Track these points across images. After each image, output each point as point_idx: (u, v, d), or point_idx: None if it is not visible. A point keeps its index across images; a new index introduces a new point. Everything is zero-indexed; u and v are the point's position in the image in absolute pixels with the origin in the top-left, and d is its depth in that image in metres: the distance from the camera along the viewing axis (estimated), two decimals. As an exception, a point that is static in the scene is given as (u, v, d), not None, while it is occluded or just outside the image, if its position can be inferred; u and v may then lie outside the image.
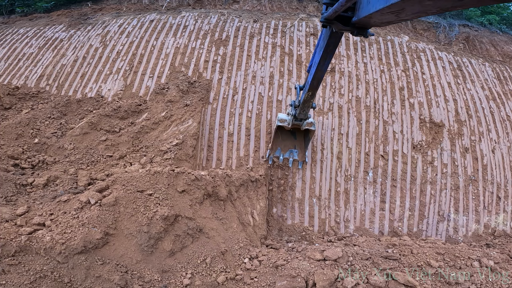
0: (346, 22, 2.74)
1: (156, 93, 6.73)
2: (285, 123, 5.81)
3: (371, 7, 2.08)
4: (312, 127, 5.88)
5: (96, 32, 8.45)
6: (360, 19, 2.43)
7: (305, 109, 5.25)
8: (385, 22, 2.39)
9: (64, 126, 6.00)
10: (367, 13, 2.16)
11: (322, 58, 3.69)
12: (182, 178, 4.46)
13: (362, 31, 2.75)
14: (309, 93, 4.59)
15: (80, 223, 3.71)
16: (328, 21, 2.86)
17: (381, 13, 1.94)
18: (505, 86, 8.28)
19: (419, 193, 6.70)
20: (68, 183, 4.81)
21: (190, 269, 4.29)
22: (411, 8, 1.66)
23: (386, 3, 1.76)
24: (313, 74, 4.14)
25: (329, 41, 3.37)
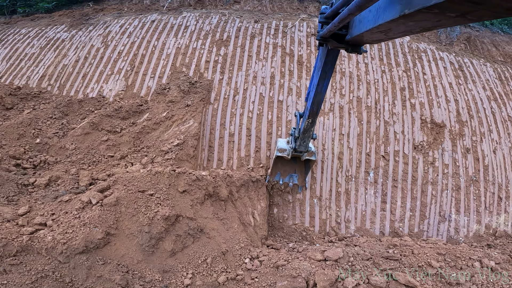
0: (340, 39, 2.90)
1: (157, 94, 6.74)
2: (284, 153, 5.60)
3: (362, 26, 2.25)
4: (312, 157, 5.63)
5: (97, 32, 8.47)
6: (353, 37, 2.59)
7: (305, 140, 5.05)
8: (376, 40, 2.55)
9: (66, 126, 6.02)
10: (359, 32, 2.32)
11: (321, 78, 3.70)
12: (183, 178, 4.47)
13: (355, 48, 2.93)
14: (309, 120, 4.48)
15: (81, 223, 3.73)
16: (324, 39, 3.03)
17: (371, 32, 2.09)
18: (506, 87, 8.26)
19: (420, 193, 6.70)
20: (70, 183, 4.82)
21: (191, 269, 4.30)
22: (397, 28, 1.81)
23: (375, 23, 1.92)
24: (313, 98, 4.07)
25: (326, 59, 3.48)
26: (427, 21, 1.50)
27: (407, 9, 1.46)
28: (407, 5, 1.46)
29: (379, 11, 1.88)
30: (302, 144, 5.14)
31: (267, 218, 6.24)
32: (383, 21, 1.78)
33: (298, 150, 5.34)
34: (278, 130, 6.92)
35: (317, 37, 3.21)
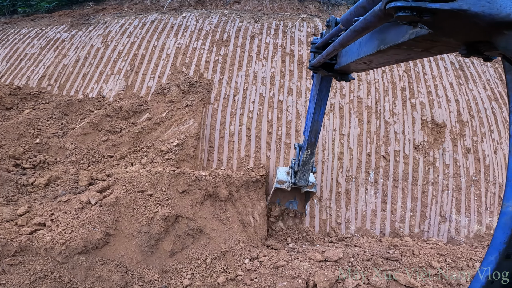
0: (330, 68, 3.19)
1: (157, 94, 6.73)
2: (284, 185, 5.47)
3: (348, 58, 2.52)
4: (313, 189, 5.50)
5: (97, 32, 8.46)
6: (340, 67, 2.86)
7: (305, 173, 4.98)
8: (360, 70, 2.85)
9: (66, 126, 6.01)
10: (346, 62, 2.60)
11: (317, 105, 3.84)
12: (182, 178, 4.46)
13: (343, 76, 3.24)
14: (307, 151, 4.49)
15: (80, 223, 3.72)
16: (315, 68, 3.30)
17: (355, 63, 2.35)
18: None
19: (421, 194, 6.67)
20: (69, 183, 4.81)
21: (191, 269, 4.29)
22: (376, 60, 2.09)
23: (358, 56, 2.19)
24: (310, 127, 4.10)
25: (321, 86, 3.66)
26: (399, 54, 1.78)
27: (382, 45, 1.74)
28: (382, 41, 1.75)
29: (361, 45, 2.15)
30: (302, 177, 5.06)
31: (267, 219, 6.23)
32: (364, 54, 2.03)
33: (297, 185, 5.26)
34: (278, 130, 6.90)
35: (308, 66, 3.45)
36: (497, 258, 1.20)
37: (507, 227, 1.17)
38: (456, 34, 1.27)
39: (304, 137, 4.47)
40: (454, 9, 1.10)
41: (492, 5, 1.08)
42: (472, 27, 1.16)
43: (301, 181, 5.10)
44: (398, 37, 1.55)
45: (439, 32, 1.30)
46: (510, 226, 1.15)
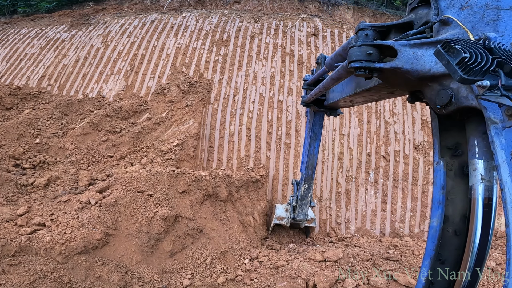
0: (320, 104, 3.48)
1: (157, 94, 6.73)
2: (283, 221, 5.47)
3: (334, 96, 2.90)
4: (312, 224, 5.55)
5: (97, 32, 8.46)
6: (329, 104, 3.22)
7: (304, 207, 5.02)
8: (345, 106, 3.18)
9: (65, 126, 6.01)
10: (332, 100, 2.98)
11: (311, 140, 4.05)
12: (182, 178, 4.45)
13: (332, 111, 3.56)
14: (305, 185, 4.60)
15: (80, 224, 3.71)
16: (306, 104, 3.60)
17: (340, 101, 2.73)
18: (507, 87, 8.24)
19: (421, 194, 6.67)
20: (69, 183, 4.81)
21: (190, 269, 4.29)
22: (357, 100, 2.45)
23: (341, 95, 2.55)
24: (306, 161, 4.23)
25: (314, 120, 3.90)
26: (372, 95, 2.14)
27: (358, 88, 2.10)
28: (357, 85, 2.12)
29: (343, 87, 2.50)
30: (301, 212, 5.10)
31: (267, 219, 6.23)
32: (346, 95, 2.39)
33: (297, 220, 5.29)
34: (278, 130, 6.90)
35: (301, 102, 3.77)
36: (430, 262, 1.50)
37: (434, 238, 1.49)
38: (399, 85, 1.57)
39: (301, 172, 4.58)
40: (392, 67, 1.38)
41: (418, 62, 1.34)
42: (407, 80, 1.42)
43: (300, 215, 5.14)
44: (368, 83, 1.95)
45: (388, 84, 1.62)
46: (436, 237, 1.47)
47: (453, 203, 1.46)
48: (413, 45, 1.36)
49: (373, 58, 1.43)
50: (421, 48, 1.35)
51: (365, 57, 1.43)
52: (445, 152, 1.49)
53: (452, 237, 1.47)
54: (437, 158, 1.49)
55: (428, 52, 1.32)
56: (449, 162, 1.48)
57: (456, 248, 1.47)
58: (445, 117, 1.46)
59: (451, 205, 1.46)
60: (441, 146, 1.49)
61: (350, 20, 10.34)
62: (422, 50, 1.34)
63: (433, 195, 1.51)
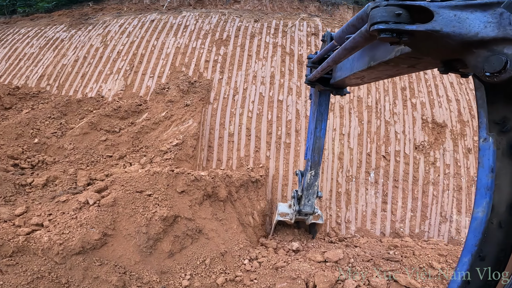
0: (326, 82, 3.27)
1: (157, 93, 6.70)
2: (286, 217, 4.99)
3: (342, 73, 2.65)
4: (319, 221, 5.05)
5: (97, 32, 8.44)
6: (335, 81, 2.98)
7: (310, 197, 4.54)
8: (354, 84, 2.97)
9: (64, 126, 5.99)
10: (340, 77, 2.72)
11: (318, 120, 3.82)
12: (181, 178, 4.43)
13: (339, 90, 3.35)
14: (311, 172, 4.21)
15: (78, 224, 3.69)
16: (311, 82, 3.38)
17: (349, 78, 2.49)
18: (508, 86, 8.21)
19: (421, 194, 6.64)
20: (68, 183, 4.79)
21: (189, 270, 4.27)
22: (368, 76, 2.22)
23: (351, 71, 2.32)
24: (312, 145, 3.94)
25: (320, 100, 3.68)
26: (388, 70, 1.91)
27: (372, 62, 1.87)
28: (372, 58, 1.88)
29: (354, 62, 2.28)
30: (307, 203, 4.59)
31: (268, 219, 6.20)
32: (357, 70, 2.17)
33: (302, 213, 4.75)
34: (278, 130, 6.87)
35: (305, 81, 3.51)
36: (470, 260, 1.31)
37: (477, 231, 1.29)
38: (433, 53, 1.39)
39: (307, 158, 4.26)
40: (428, 30, 1.21)
41: (461, 25, 1.18)
42: (445, 46, 1.27)
43: (306, 207, 4.62)
44: (386, 55, 1.70)
45: (418, 51, 1.42)
46: (480, 230, 1.28)
47: (499, 189, 1.28)
48: (455, 7, 1.21)
49: (403, 20, 1.25)
50: (465, 11, 1.19)
51: (392, 18, 1.25)
52: (492, 128, 1.30)
53: (496, 229, 1.28)
54: (484, 134, 1.30)
55: (474, 15, 1.18)
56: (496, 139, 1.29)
57: (499, 243, 1.29)
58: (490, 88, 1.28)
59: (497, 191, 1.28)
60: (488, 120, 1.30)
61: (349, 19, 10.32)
62: (466, 12, 1.19)
63: (478, 180, 1.31)
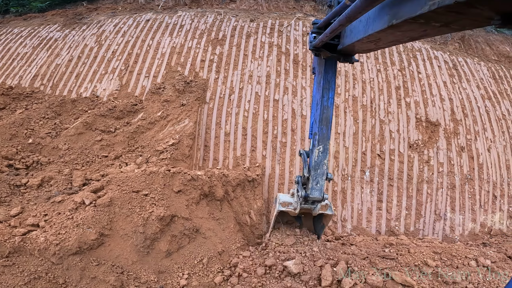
0: (332, 49, 2.95)
1: (152, 93, 6.68)
2: (290, 207, 4.17)
3: (353, 36, 2.33)
4: (328, 211, 4.19)
5: (91, 31, 8.38)
6: (344, 47, 2.67)
7: (319, 179, 3.70)
8: (366, 50, 2.67)
9: (59, 126, 5.94)
10: (350, 42, 2.41)
11: (324, 89, 3.34)
12: (178, 178, 4.43)
13: (347, 57, 3.02)
14: (319, 148, 3.52)
15: (74, 224, 3.68)
16: (316, 49, 3.07)
17: (361, 42, 2.17)
18: (500, 85, 8.33)
19: (416, 192, 6.71)
20: (63, 183, 4.75)
21: (187, 269, 4.28)
22: (386, 38, 1.92)
23: (365, 33, 2.00)
24: (320, 115, 3.41)
25: (326, 67, 3.29)
26: (413, 31, 1.61)
27: (394, 20, 1.56)
28: (394, 15, 1.56)
29: (368, 22, 1.95)
30: (315, 186, 3.74)
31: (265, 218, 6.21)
32: (372, 31, 1.86)
33: (310, 199, 3.87)
34: (274, 129, 6.89)
35: (309, 47, 3.19)
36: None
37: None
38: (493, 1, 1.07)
39: (314, 131, 3.63)
40: None
41: None
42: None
43: (315, 191, 3.77)
44: (415, 9, 1.36)
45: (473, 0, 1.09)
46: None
47: None
48: None
49: None
50: None
51: None
52: None
53: None
54: None
55: None
56: None
57: None
58: None
59: None
60: None
61: (345, 19, 10.38)
62: None
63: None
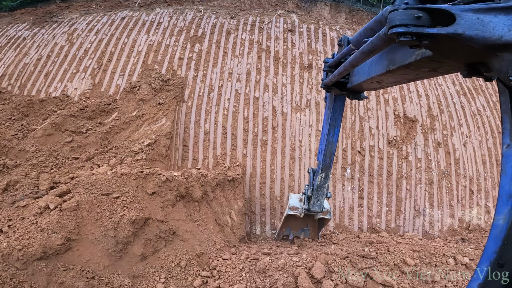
0: (342, 87, 3.19)
1: (127, 92, 6.44)
2: (296, 211, 5.17)
3: (360, 77, 2.57)
4: (327, 216, 5.24)
5: (62, 30, 8.03)
6: (353, 86, 2.90)
7: (319, 198, 4.72)
8: (372, 88, 2.93)
9: (26, 128, 5.62)
10: (357, 81, 2.64)
11: (331, 126, 3.79)
12: (152, 179, 4.26)
13: (356, 94, 3.27)
14: (321, 175, 4.31)
15: (38, 229, 3.47)
16: (327, 86, 3.31)
17: (367, 82, 2.41)
18: (475, 81, 8.54)
19: (395, 188, 6.77)
20: (29, 187, 4.49)
21: (164, 273, 4.13)
22: (387, 80, 2.14)
23: (369, 75, 2.26)
24: (324, 149, 3.99)
25: (335, 105, 3.64)
26: (408, 74, 1.83)
27: (391, 66, 1.80)
28: (391, 62, 1.81)
29: (372, 65, 2.20)
30: (316, 203, 4.78)
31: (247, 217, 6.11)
32: (375, 74, 2.10)
33: (311, 211, 4.96)
34: (255, 127, 6.80)
35: (321, 85, 3.47)
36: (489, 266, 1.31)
37: (498, 239, 1.27)
38: (455, 56, 1.34)
39: (319, 161, 4.33)
40: (450, 33, 1.17)
41: (485, 28, 1.14)
42: (468, 50, 1.22)
43: (315, 206, 4.82)
44: (406, 58, 1.62)
45: (440, 55, 1.36)
46: (501, 238, 1.26)
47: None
48: (477, 10, 1.18)
49: (423, 23, 1.22)
50: (488, 14, 1.16)
51: (412, 21, 1.22)
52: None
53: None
54: (508, 141, 1.28)
55: (497, 18, 1.15)
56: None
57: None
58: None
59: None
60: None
61: (327, 16, 10.42)
62: (490, 16, 1.16)
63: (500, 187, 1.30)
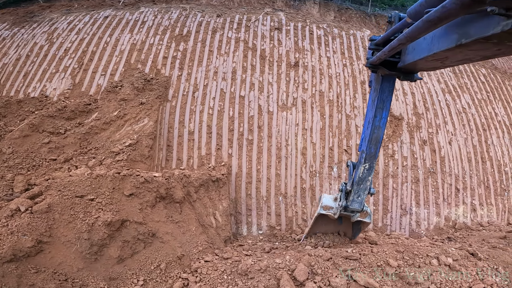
0: (392, 66, 2.80)
1: (108, 92, 6.31)
2: (330, 211, 4.46)
3: (416, 54, 2.19)
4: (367, 219, 4.51)
5: (42, 29, 7.84)
6: (405, 65, 2.53)
7: (360, 194, 4.03)
8: (431, 68, 2.52)
9: (3, 129, 5.46)
10: (412, 59, 2.26)
11: (378, 108, 3.34)
12: (129, 181, 4.15)
13: (408, 75, 2.84)
14: (365, 165, 3.74)
15: (9, 232, 3.39)
16: (374, 66, 2.94)
17: (425, 60, 2.05)
18: (460, 79, 8.59)
19: (382, 187, 6.75)
20: (3, 189, 4.36)
21: (142, 275, 4.05)
22: (454, 57, 1.82)
23: (429, 52, 1.89)
24: (370, 135, 3.51)
25: (383, 86, 3.23)
26: (486, 50, 1.52)
27: (464, 39, 1.47)
28: (464, 34, 1.47)
29: (434, 40, 1.84)
30: (356, 199, 4.08)
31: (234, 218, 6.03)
32: (438, 50, 1.77)
33: (349, 209, 4.24)
34: (240, 127, 6.72)
35: (366, 64, 3.09)
36: None
37: None
38: None
39: (362, 149, 3.81)
40: None
41: None
42: None
43: (355, 203, 4.12)
44: (487, 29, 1.29)
45: None
46: None
47: None
48: None
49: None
50: None
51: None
52: None
53: None
54: None
55: None
56: None
57: None
58: None
59: None
60: None
61: (315, 14, 10.40)
62: None
63: None
